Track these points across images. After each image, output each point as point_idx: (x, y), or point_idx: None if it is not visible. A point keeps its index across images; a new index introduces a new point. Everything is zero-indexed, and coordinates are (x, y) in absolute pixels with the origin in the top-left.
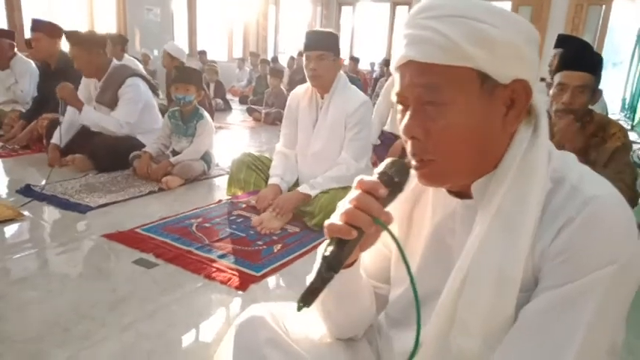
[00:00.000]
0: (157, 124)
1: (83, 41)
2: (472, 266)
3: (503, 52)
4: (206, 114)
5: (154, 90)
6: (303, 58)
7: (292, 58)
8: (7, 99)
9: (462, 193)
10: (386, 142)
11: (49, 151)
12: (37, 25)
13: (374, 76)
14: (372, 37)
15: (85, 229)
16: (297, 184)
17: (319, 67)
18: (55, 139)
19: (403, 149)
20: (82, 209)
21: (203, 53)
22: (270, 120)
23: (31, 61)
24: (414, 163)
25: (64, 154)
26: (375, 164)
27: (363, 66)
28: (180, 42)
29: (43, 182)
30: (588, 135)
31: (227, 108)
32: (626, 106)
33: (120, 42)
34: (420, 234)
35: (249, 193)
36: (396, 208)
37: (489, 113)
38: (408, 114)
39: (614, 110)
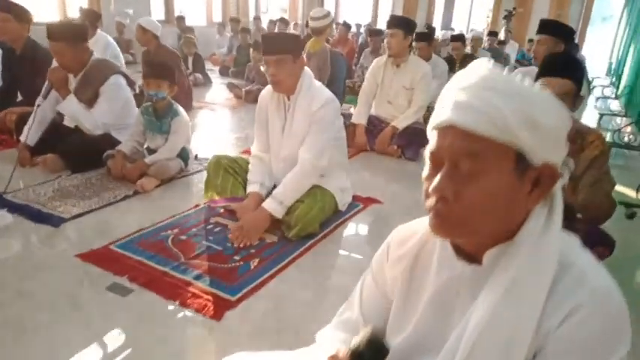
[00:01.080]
0: (132, 119)
1: (68, 36)
2: (482, 335)
3: (545, 138)
4: (181, 110)
5: (132, 85)
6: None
7: (272, 22)
8: None
9: (471, 257)
10: (372, 128)
11: (19, 151)
12: (5, 4)
13: (359, 41)
14: None
15: (57, 248)
16: (274, 187)
17: (279, 72)
18: (23, 136)
19: (392, 136)
20: (54, 222)
21: (181, 19)
22: (252, 98)
23: None
24: (432, 214)
25: (34, 152)
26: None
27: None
28: (155, 6)
29: (6, 185)
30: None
31: (207, 82)
32: (612, 71)
33: (92, 18)
34: (421, 290)
35: (226, 199)
36: (397, 261)
37: (517, 188)
38: (440, 174)
39: (600, 74)
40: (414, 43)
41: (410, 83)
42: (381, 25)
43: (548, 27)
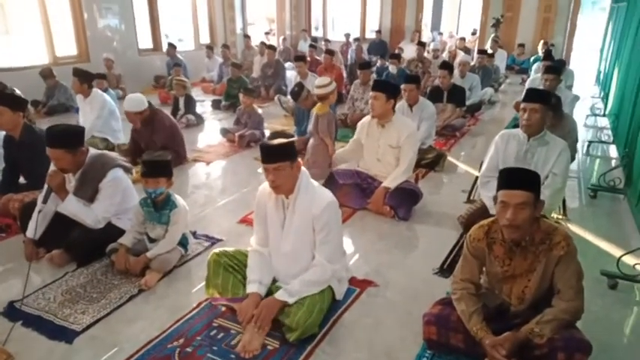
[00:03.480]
0: (132, 202)
1: (67, 143)
2: None
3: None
4: (179, 201)
5: (129, 171)
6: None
7: (263, 44)
8: None
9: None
10: (366, 186)
11: (25, 246)
12: (1, 98)
13: (349, 55)
14: (344, 0)
15: None
16: (274, 280)
17: (277, 178)
18: (30, 231)
19: (384, 196)
20: (68, 337)
21: (172, 47)
22: (245, 143)
23: None
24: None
25: (39, 245)
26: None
27: (339, 37)
28: (142, 35)
29: (21, 298)
30: (537, 242)
31: (199, 122)
32: (600, 82)
33: (86, 79)
34: None
35: (227, 299)
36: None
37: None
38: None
39: (590, 81)
40: (402, 85)
41: (396, 142)
42: (370, 34)
43: (537, 96)
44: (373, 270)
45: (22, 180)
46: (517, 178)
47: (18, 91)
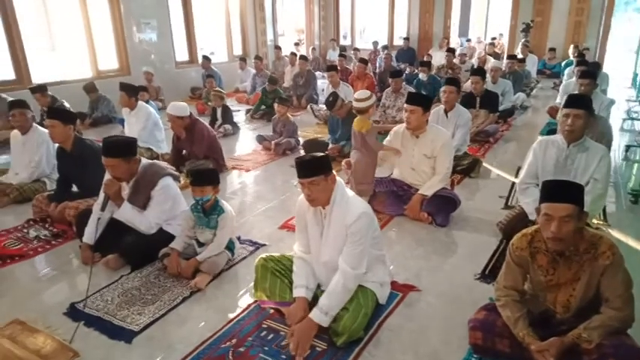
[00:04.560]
0: (180, 209)
1: (122, 152)
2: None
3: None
4: (226, 207)
5: (178, 179)
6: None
7: (293, 54)
8: (28, 174)
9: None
10: (402, 193)
11: (81, 250)
12: (53, 112)
13: (377, 63)
14: (372, 9)
15: None
16: (319, 285)
17: (313, 192)
18: (87, 237)
19: (421, 203)
20: (126, 336)
21: (207, 59)
22: (281, 151)
23: (47, 132)
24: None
25: (94, 250)
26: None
27: (366, 45)
28: (179, 49)
29: (84, 299)
30: (581, 252)
31: (236, 131)
32: (637, 85)
33: (133, 92)
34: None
35: (275, 302)
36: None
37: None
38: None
39: (625, 84)
40: (443, 87)
41: (431, 152)
42: (397, 41)
43: (580, 102)
44: (414, 275)
45: (74, 189)
46: (561, 191)
47: (67, 104)
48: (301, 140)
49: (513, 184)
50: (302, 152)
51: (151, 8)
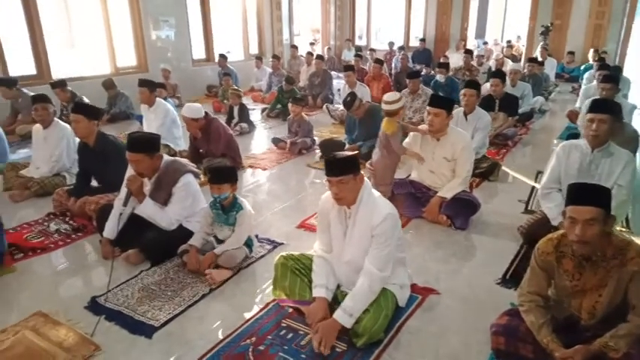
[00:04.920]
0: (200, 206)
1: (146, 148)
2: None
3: None
4: (245, 204)
5: (198, 176)
6: (326, 178)
7: (309, 54)
8: (49, 168)
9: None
10: (420, 195)
11: (102, 245)
12: (78, 107)
13: (393, 64)
14: (388, 10)
15: None
16: (338, 285)
17: (341, 191)
18: (108, 232)
19: (440, 206)
20: (147, 331)
21: (224, 58)
22: (297, 150)
23: (68, 127)
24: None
25: (114, 244)
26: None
27: (381, 45)
28: (196, 47)
29: (105, 293)
30: (608, 257)
31: (252, 129)
32: None
33: (152, 88)
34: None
35: (294, 301)
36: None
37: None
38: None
39: None
40: (463, 90)
41: (451, 155)
42: (413, 42)
43: (605, 107)
44: (433, 278)
45: (94, 183)
46: (586, 194)
47: (87, 100)
48: (317, 140)
49: (533, 188)
50: (317, 152)
51: (170, 6)
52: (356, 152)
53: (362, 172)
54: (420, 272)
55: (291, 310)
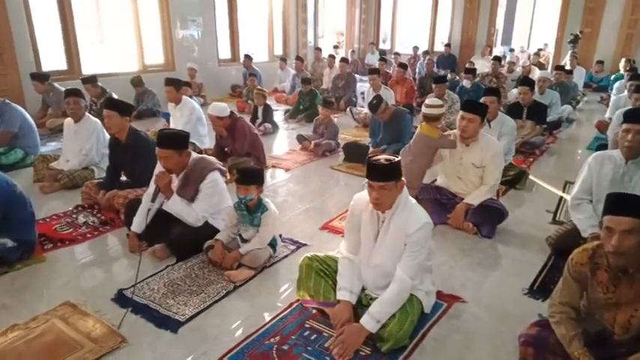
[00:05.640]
0: (226, 203)
1: (176, 144)
2: None
3: None
4: (270, 205)
5: (224, 174)
6: (366, 184)
7: (332, 57)
8: (79, 161)
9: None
10: (446, 201)
11: (129, 239)
12: (111, 103)
13: (417, 68)
14: (413, 14)
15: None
16: (363, 288)
17: (381, 196)
18: (135, 226)
19: (466, 212)
20: (172, 326)
21: (249, 58)
22: (320, 152)
23: (98, 121)
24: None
25: (141, 238)
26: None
27: (405, 50)
28: (222, 47)
29: (132, 286)
30: None
31: (275, 130)
32: None
33: (178, 86)
34: None
35: (319, 302)
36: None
37: None
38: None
39: None
40: (482, 98)
41: (480, 162)
42: (439, 46)
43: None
44: (459, 286)
45: (123, 178)
46: (624, 204)
47: (115, 96)
48: (341, 143)
49: (561, 198)
50: (341, 155)
51: (198, 6)
52: (399, 159)
53: (403, 179)
54: (445, 279)
55: (314, 311)
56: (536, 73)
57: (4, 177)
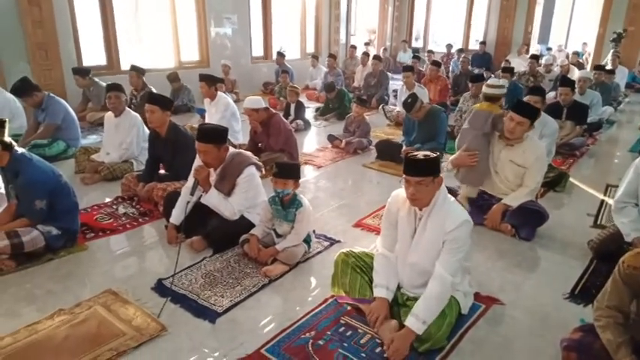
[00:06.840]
0: (261, 198)
1: (215, 139)
2: None
3: None
4: (304, 201)
5: (260, 169)
6: (403, 181)
7: (365, 54)
8: (119, 155)
9: None
10: (482, 202)
11: (167, 230)
12: (153, 98)
13: (450, 66)
14: (447, 12)
15: (217, 354)
16: (399, 286)
17: (418, 192)
18: (174, 218)
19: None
20: (210, 316)
21: (281, 55)
22: (352, 149)
23: (138, 116)
24: None
25: (179, 230)
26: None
27: (437, 48)
28: (255, 44)
29: (172, 275)
30: None
31: (307, 127)
32: None
33: (213, 83)
34: None
35: (354, 299)
36: None
37: None
38: None
39: None
40: (527, 97)
41: (522, 162)
42: (473, 44)
43: None
44: (497, 288)
45: (161, 171)
46: None
47: (155, 90)
48: (373, 141)
49: (602, 201)
50: (374, 153)
51: (233, 4)
52: (438, 154)
53: (441, 174)
54: (482, 281)
55: (349, 307)
56: (575, 73)
57: (51, 166)
